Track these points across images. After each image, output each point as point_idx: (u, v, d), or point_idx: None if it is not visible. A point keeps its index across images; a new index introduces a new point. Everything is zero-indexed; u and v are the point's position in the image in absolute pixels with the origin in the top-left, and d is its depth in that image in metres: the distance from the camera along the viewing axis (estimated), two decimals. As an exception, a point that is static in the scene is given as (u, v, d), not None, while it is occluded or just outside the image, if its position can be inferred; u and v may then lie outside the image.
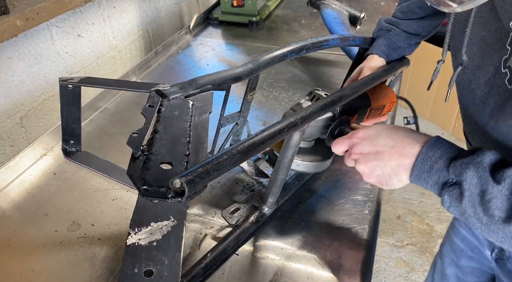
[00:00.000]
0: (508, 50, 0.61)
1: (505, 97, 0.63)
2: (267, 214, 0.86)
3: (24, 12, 1.05)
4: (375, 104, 0.93)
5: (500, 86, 0.64)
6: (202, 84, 0.74)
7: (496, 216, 0.54)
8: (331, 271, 0.77)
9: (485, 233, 0.57)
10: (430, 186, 0.61)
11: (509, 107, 0.62)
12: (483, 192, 0.55)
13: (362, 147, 0.69)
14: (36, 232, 0.86)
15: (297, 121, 0.68)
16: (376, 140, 0.67)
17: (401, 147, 0.64)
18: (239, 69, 0.80)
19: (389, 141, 0.66)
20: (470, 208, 0.56)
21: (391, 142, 0.65)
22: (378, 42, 0.98)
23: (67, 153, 0.85)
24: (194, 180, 0.51)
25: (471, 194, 0.56)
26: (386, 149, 0.65)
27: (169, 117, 0.67)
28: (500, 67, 0.63)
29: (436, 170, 0.60)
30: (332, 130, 0.82)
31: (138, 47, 1.70)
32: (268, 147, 0.65)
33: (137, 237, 0.50)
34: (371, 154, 0.67)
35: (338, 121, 0.82)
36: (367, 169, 0.68)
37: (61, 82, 0.78)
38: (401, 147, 0.64)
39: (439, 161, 0.59)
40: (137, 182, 0.55)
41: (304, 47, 0.89)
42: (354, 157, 0.70)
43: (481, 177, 0.55)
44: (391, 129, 0.68)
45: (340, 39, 0.98)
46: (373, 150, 0.67)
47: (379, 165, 0.66)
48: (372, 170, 0.67)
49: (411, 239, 2.15)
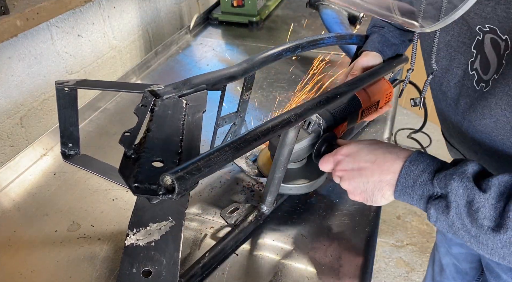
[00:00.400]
0: (473, 53, 0.62)
1: (474, 98, 0.64)
2: (266, 213, 0.86)
3: (24, 12, 1.05)
4: (366, 104, 0.92)
5: (470, 87, 0.65)
6: (196, 83, 0.74)
7: (484, 226, 0.53)
8: (331, 271, 0.77)
9: (475, 245, 0.56)
10: (415, 201, 0.60)
11: (479, 107, 0.63)
12: (469, 202, 0.54)
13: (345, 164, 0.69)
14: (36, 232, 0.86)
15: (291, 118, 0.68)
16: (359, 156, 0.67)
17: (382, 162, 0.64)
18: (233, 68, 0.80)
19: (371, 156, 0.66)
20: (457, 220, 0.55)
21: (373, 158, 0.65)
22: (372, 38, 0.98)
23: (66, 156, 0.85)
24: (184, 176, 0.50)
25: (458, 205, 0.55)
26: (368, 165, 0.65)
27: (162, 116, 0.67)
28: (468, 69, 0.64)
29: (420, 184, 0.59)
30: (318, 148, 0.81)
31: (138, 47, 1.70)
32: (261, 144, 0.65)
33: (136, 238, 0.50)
34: (354, 170, 0.67)
35: (323, 138, 0.81)
36: (351, 187, 0.68)
37: (57, 85, 0.77)
38: (383, 163, 0.64)
39: (422, 175, 0.59)
40: (128, 179, 0.55)
41: (299, 46, 0.89)
42: (338, 174, 0.71)
43: (467, 187, 0.54)
44: (372, 144, 0.68)
45: (336, 38, 0.98)
46: (355, 166, 0.67)
47: (361, 181, 0.66)
48: (356, 188, 0.67)
49: (411, 239, 2.15)
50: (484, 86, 0.61)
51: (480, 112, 0.63)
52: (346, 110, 0.87)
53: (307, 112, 0.72)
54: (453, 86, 0.68)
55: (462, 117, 0.69)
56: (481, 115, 0.63)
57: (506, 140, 0.61)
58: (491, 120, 0.61)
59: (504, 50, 0.56)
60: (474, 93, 0.64)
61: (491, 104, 0.60)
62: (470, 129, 0.68)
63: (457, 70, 0.66)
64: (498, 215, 0.52)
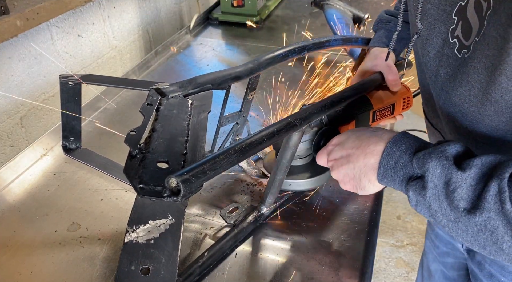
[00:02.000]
0: (454, 19, 0.60)
1: (455, 66, 0.61)
2: (266, 214, 0.86)
3: (24, 12, 1.05)
4: (379, 106, 0.88)
5: (450, 56, 0.62)
6: (201, 83, 0.74)
7: (460, 207, 0.50)
8: (331, 271, 0.77)
9: (454, 231, 0.53)
10: (397, 184, 0.58)
11: (459, 75, 0.60)
12: (447, 183, 0.51)
13: (335, 153, 0.68)
14: (36, 232, 0.86)
15: (296, 121, 0.68)
16: (346, 143, 0.66)
17: (366, 146, 0.62)
18: (239, 68, 0.80)
19: (356, 142, 0.64)
20: (435, 202, 0.52)
21: (358, 143, 0.64)
22: (379, 34, 0.95)
23: (67, 149, 0.85)
24: (190, 179, 0.51)
25: (435, 185, 0.52)
26: (353, 151, 0.64)
27: (168, 115, 0.67)
28: (448, 37, 0.61)
29: (401, 165, 0.56)
30: (316, 142, 0.80)
31: (138, 47, 1.70)
32: (266, 148, 0.65)
33: (135, 235, 0.50)
34: (343, 158, 0.66)
35: (321, 132, 0.80)
36: (340, 175, 0.67)
37: (61, 79, 0.78)
38: (366, 146, 0.62)
39: (404, 156, 0.56)
40: (133, 180, 0.55)
41: (305, 47, 0.89)
42: (329, 164, 0.69)
43: (444, 166, 0.51)
44: (359, 130, 0.67)
45: (342, 40, 0.98)
46: (343, 154, 0.66)
47: (349, 168, 0.64)
48: (345, 175, 0.66)
49: (411, 239, 2.15)
50: (466, 52, 0.58)
51: (459, 80, 0.60)
52: (354, 108, 0.85)
53: (312, 115, 0.72)
54: (433, 57, 0.66)
55: (440, 88, 0.66)
56: (458, 83, 0.60)
57: (477, 112, 0.59)
58: (466, 88, 0.59)
59: (486, 11, 0.53)
60: (455, 61, 0.61)
61: (469, 69, 0.57)
62: (447, 102, 0.65)
63: (437, 40, 0.64)
64: (476, 197, 0.49)
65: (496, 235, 0.48)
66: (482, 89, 0.56)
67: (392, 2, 1.98)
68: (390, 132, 0.61)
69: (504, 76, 0.52)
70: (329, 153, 0.70)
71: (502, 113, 0.56)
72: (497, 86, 0.53)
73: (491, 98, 0.55)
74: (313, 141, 0.80)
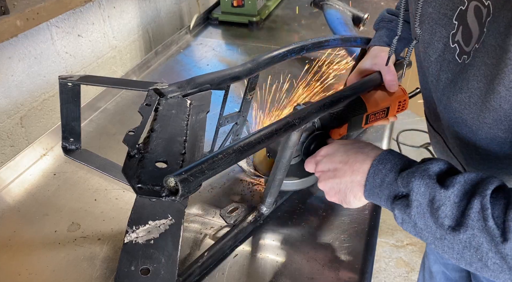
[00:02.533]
0: (455, 24, 0.60)
1: (455, 72, 0.62)
2: (265, 214, 0.86)
3: (24, 12, 1.05)
4: (373, 109, 0.87)
5: (451, 61, 0.63)
6: (200, 83, 0.74)
7: (445, 225, 0.51)
8: (331, 271, 0.77)
9: (440, 249, 0.54)
10: (383, 202, 0.59)
11: (460, 80, 0.61)
12: (431, 201, 0.52)
13: (322, 165, 0.69)
14: (36, 232, 0.86)
15: (294, 121, 0.68)
16: (334, 156, 0.67)
17: (353, 162, 0.63)
18: (238, 68, 0.80)
19: (344, 157, 0.65)
20: (420, 219, 0.53)
21: (345, 158, 0.65)
22: (380, 33, 0.95)
23: (67, 150, 0.86)
24: (188, 179, 0.51)
25: (420, 204, 0.53)
26: (341, 166, 0.65)
27: (166, 115, 0.67)
28: (449, 42, 0.62)
29: (387, 184, 0.58)
30: (306, 146, 0.80)
31: (138, 47, 1.70)
32: (264, 147, 0.65)
33: (135, 235, 0.50)
34: (330, 171, 0.67)
35: (311, 137, 0.79)
36: (326, 187, 0.68)
37: (60, 80, 0.78)
38: (354, 163, 0.63)
39: (389, 174, 0.58)
40: (131, 180, 0.55)
41: (304, 47, 0.89)
42: (317, 174, 0.70)
43: (428, 185, 0.52)
44: (347, 144, 0.68)
45: (341, 40, 0.98)
46: (331, 167, 0.67)
47: (335, 182, 0.66)
48: (331, 188, 0.67)
49: (411, 239, 2.15)
50: (466, 58, 0.59)
51: (459, 85, 0.61)
52: (347, 112, 0.85)
53: (310, 115, 0.72)
54: (434, 62, 0.66)
55: (441, 93, 0.67)
56: (459, 89, 0.61)
57: (476, 119, 0.59)
58: (466, 94, 0.59)
59: (485, 17, 0.54)
60: (456, 66, 0.61)
61: (469, 76, 0.58)
62: (447, 108, 0.66)
63: (438, 44, 0.64)
64: (459, 214, 0.50)
65: (481, 252, 0.49)
66: (482, 97, 0.56)
67: (392, 2, 1.98)
68: (377, 149, 0.63)
69: (502, 86, 0.52)
70: (317, 163, 0.71)
71: (501, 121, 0.56)
72: (496, 95, 0.53)
73: (489, 106, 0.55)
74: (303, 143, 0.80)
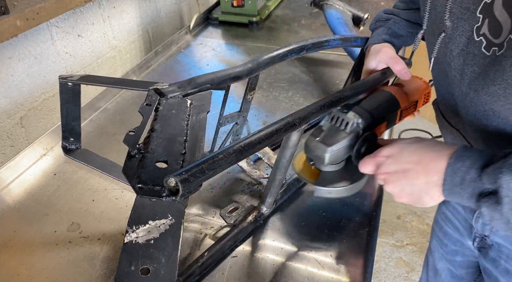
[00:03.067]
0: (479, 18, 0.60)
1: (483, 65, 0.61)
2: (265, 214, 0.86)
3: (24, 12, 1.05)
4: (405, 104, 0.85)
5: (476, 54, 0.62)
6: (200, 83, 0.74)
7: None
8: (331, 271, 0.77)
9: None
10: (466, 200, 0.57)
11: (491, 73, 0.60)
12: None
13: (387, 166, 0.65)
14: (36, 232, 0.86)
15: (295, 121, 0.68)
16: (401, 157, 0.64)
17: (427, 162, 0.60)
18: (238, 68, 0.80)
19: (414, 157, 0.62)
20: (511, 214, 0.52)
21: (416, 158, 0.62)
22: (378, 31, 0.94)
23: (67, 150, 0.86)
24: (188, 179, 0.51)
25: (511, 200, 0.51)
26: (412, 166, 0.62)
27: (167, 115, 0.67)
28: (473, 35, 0.62)
29: (469, 182, 0.55)
30: (357, 149, 0.76)
31: (138, 47, 1.70)
32: (264, 147, 0.64)
33: (135, 235, 0.50)
34: (398, 172, 0.64)
35: (362, 139, 0.76)
36: (396, 189, 0.65)
37: (60, 79, 0.78)
38: (427, 163, 0.60)
39: (470, 172, 0.55)
40: (132, 180, 0.55)
41: (304, 47, 0.89)
42: (381, 177, 0.67)
43: None
44: (414, 143, 0.65)
45: (341, 40, 0.98)
46: (399, 168, 0.64)
47: (407, 184, 0.62)
48: (401, 190, 0.64)
49: (411, 239, 2.14)
50: (497, 50, 0.58)
51: (491, 78, 0.59)
52: (384, 109, 0.82)
53: (311, 115, 0.72)
54: (456, 56, 0.66)
55: (468, 87, 0.65)
56: (491, 81, 0.59)
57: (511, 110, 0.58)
58: (501, 86, 0.58)
59: None
60: (483, 59, 0.61)
61: (505, 66, 0.56)
62: (475, 100, 0.64)
63: (460, 38, 0.64)
64: None
65: None
66: None
67: (392, 2, 1.98)
68: (449, 147, 0.60)
69: None
70: (378, 164, 0.68)
71: None
72: None
73: None
74: (351, 146, 0.76)
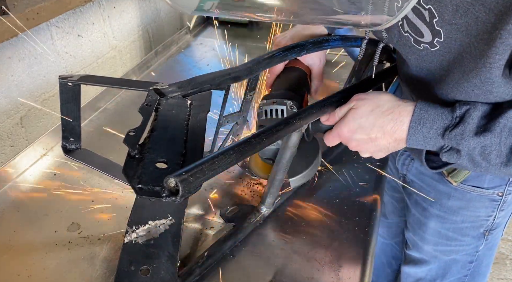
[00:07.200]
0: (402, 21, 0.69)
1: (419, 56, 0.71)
2: (265, 214, 0.86)
3: (24, 12, 1.05)
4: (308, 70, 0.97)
5: (410, 47, 0.71)
6: (200, 83, 0.74)
7: (497, 164, 0.62)
8: (331, 271, 0.77)
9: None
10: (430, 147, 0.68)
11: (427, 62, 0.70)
12: (482, 147, 0.61)
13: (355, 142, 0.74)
14: (36, 232, 0.86)
15: (294, 121, 0.68)
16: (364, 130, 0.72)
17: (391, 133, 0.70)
18: (238, 68, 0.80)
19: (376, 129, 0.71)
20: (469, 162, 0.65)
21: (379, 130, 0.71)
22: None
23: (67, 150, 0.86)
24: (188, 179, 0.51)
25: (471, 156, 0.63)
26: (379, 135, 0.71)
27: (167, 116, 0.67)
28: (401, 31, 0.70)
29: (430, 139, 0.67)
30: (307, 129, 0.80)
31: (138, 47, 1.70)
32: (264, 147, 0.65)
33: (135, 235, 0.50)
34: (368, 143, 0.73)
35: None
36: (368, 153, 0.76)
37: (60, 79, 0.78)
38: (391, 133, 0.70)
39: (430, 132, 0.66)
40: (132, 180, 0.55)
41: (304, 47, 0.88)
42: (353, 149, 0.76)
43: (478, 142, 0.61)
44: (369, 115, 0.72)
45: (341, 40, 0.98)
46: (366, 138, 0.73)
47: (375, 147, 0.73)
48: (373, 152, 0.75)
49: (412, 239, 2.14)
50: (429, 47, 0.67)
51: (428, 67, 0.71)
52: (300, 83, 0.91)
53: (310, 115, 0.72)
54: (396, 44, 0.75)
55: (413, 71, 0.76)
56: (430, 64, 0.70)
57: None
58: None
59: (430, 19, 0.62)
60: (419, 51, 0.69)
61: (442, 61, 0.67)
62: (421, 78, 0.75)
63: (394, 30, 0.72)
64: (509, 151, 0.60)
65: None
66: None
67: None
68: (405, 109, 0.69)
69: None
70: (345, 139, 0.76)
71: None
72: None
73: None
74: None
